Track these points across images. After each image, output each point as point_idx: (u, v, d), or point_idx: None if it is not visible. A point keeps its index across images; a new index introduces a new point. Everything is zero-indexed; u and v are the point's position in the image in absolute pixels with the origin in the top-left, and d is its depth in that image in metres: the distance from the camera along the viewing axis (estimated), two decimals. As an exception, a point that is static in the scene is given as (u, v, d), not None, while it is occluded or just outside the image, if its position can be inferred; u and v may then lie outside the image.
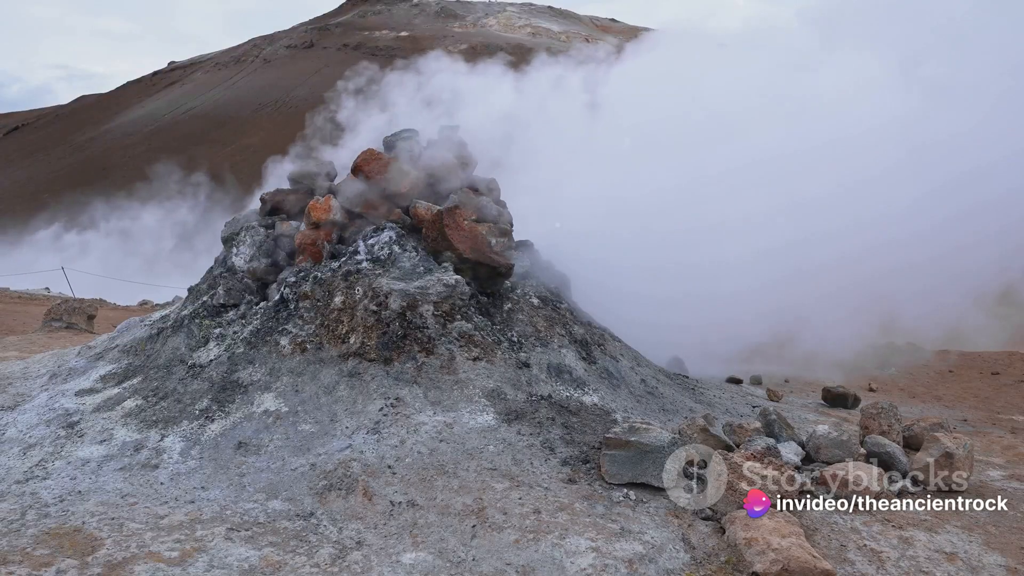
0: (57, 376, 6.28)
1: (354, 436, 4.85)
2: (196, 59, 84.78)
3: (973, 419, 7.77)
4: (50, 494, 4.27)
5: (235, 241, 7.00)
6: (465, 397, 5.27)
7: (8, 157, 64.02)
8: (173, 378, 5.73)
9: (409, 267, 6.22)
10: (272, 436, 4.92)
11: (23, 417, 5.38)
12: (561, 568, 3.62)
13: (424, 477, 4.43)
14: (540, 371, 5.81)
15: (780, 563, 3.53)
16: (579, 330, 6.57)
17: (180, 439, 4.94)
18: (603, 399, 5.77)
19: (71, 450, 4.86)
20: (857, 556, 3.87)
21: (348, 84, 10.46)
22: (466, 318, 5.87)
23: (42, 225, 44.24)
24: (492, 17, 78.74)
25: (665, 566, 3.69)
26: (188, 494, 4.32)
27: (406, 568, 3.63)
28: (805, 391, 9.01)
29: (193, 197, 40.65)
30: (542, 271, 7.15)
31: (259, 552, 3.70)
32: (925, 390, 9.95)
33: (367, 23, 77.95)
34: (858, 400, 8.13)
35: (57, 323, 10.92)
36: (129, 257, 36.71)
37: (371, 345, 5.58)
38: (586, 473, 4.55)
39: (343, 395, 5.26)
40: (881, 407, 5.68)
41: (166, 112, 68.53)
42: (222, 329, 6.20)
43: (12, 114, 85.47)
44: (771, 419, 5.49)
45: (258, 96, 65.99)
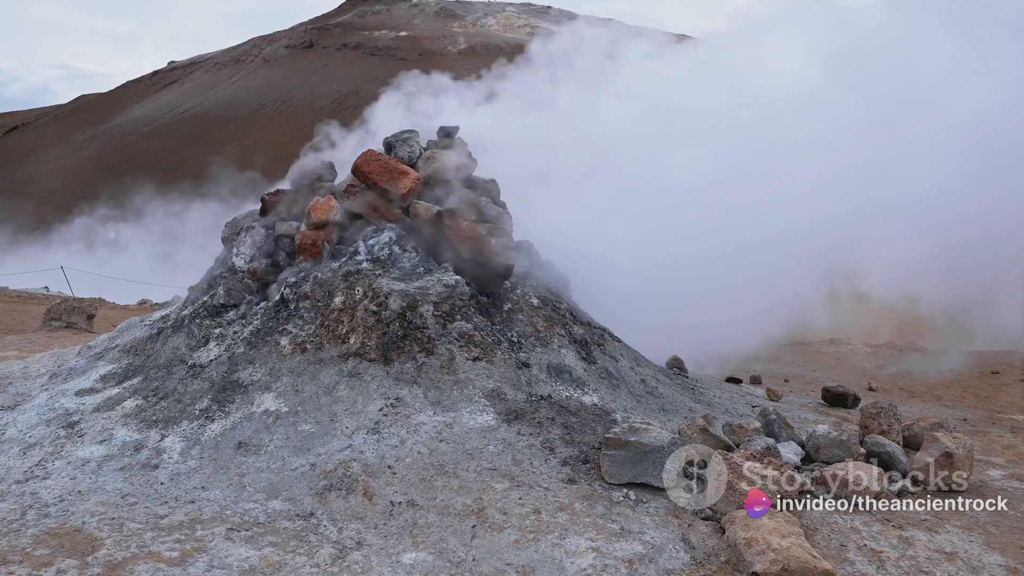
0: (57, 376, 6.28)
1: (354, 436, 4.85)
2: (196, 59, 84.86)
3: (973, 419, 7.77)
4: (50, 494, 4.27)
5: (235, 241, 6.99)
6: (465, 397, 5.28)
7: (8, 157, 63.99)
8: (173, 378, 5.73)
9: (409, 267, 6.22)
10: (272, 436, 4.92)
11: (23, 417, 5.38)
12: (561, 568, 3.62)
13: (424, 477, 4.43)
14: (540, 371, 5.81)
15: (780, 563, 3.53)
16: (579, 330, 6.57)
17: (180, 439, 4.94)
18: (603, 399, 5.77)
19: (71, 450, 4.86)
20: (857, 556, 3.87)
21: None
22: (466, 318, 5.87)
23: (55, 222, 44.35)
24: (491, 17, 78.78)
25: (665, 566, 3.69)
26: (188, 494, 4.32)
27: (406, 568, 3.64)
28: (805, 391, 9.02)
29: (192, 197, 40.65)
30: (542, 271, 7.15)
31: (259, 552, 3.70)
32: (925, 390, 9.96)
33: (367, 23, 77.99)
34: (858, 400, 8.14)
35: (57, 323, 10.91)
36: (128, 257, 36.75)
37: (371, 345, 5.58)
38: (586, 473, 4.55)
39: (343, 395, 5.26)
40: (881, 407, 5.68)
41: (166, 112, 68.57)
42: (222, 329, 6.20)
43: (12, 113, 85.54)
44: (771, 419, 5.49)
45: (258, 96, 66.07)
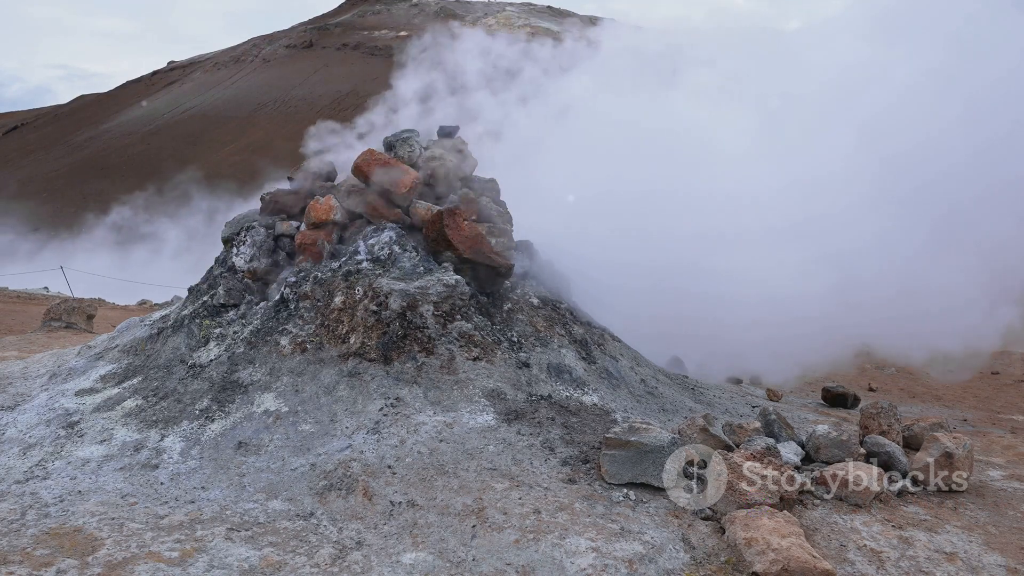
0: (57, 376, 6.28)
1: (354, 436, 4.85)
2: (195, 59, 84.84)
3: (973, 419, 7.77)
4: (50, 494, 4.27)
5: (235, 241, 6.99)
6: (465, 397, 5.27)
7: (7, 157, 64.01)
8: (173, 378, 5.72)
9: (409, 267, 6.22)
10: (272, 436, 4.92)
11: (23, 417, 5.38)
12: (561, 568, 3.62)
13: (424, 477, 4.43)
14: (540, 371, 5.81)
15: (780, 563, 3.53)
16: (579, 330, 6.57)
17: (180, 439, 4.94)
18: (603, 399, 5.77)
19: (71, 450, 4.86)
20: (857, 556, 3.87)
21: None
22: (466, 318, 5.87)
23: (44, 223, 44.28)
24: (491, 17, 78.74)
25: (665, 566, 3.69)
26: (188, 494, 4.32)
27: (406, 568, 3.63)
28: (805, 391, 9.02)
29: (192, 197, 40.66)
30: (542, 271, 7.15)
31: (259, 552, 3.70)
32: (925, 390, 9.96)
33: (366, 23, 77.99)
34: (858, 400, 8.14)
35: (56, 323, 10.90)
36: (127, 257, 36.74)
37: (371, 345, 5.58)
38: (586, 473, 4.55)
39: (343, 395, 5.26)
40: (881, 407, 5.68)
41: (165, 112, 68.56)
42: (222, 329, 6.19)
43: (11, 114, 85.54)
44: (771, 419, 5.49)
45: (258, 96, 66.06)
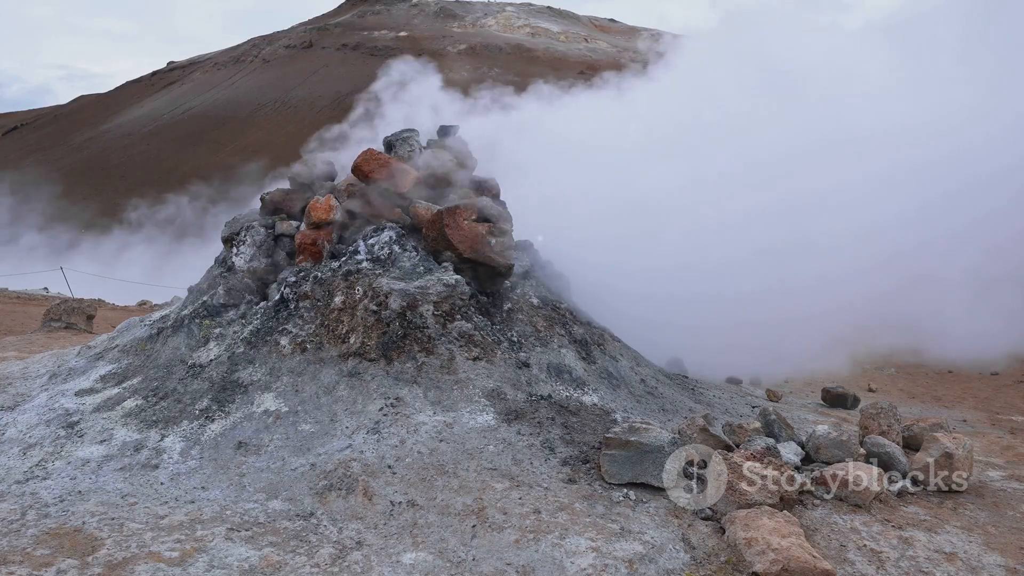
0: (57, 376, 6.28)
1: (354, 436, 4.85)
2: (195, 59, 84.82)
3: (973, 419, 7.78)
4: (50, 494, 4.27)
5: (235, 241, 6.99)
6: (465, 397, 5.27)
7: (7, 157, 63.98)
8: (173, 378, 5.72)
9: (409, 267, 6.22)
10: (272, 436, 4.92)
11: (23, 417, 5.37)
12: (561, 568, 3.62)
13: (424, 477, 4.43)
14: (540, 371, 5.81)
15: (780, 563, 3.53)
16: (579, 330, 6.57)
17: (180, 439, 4.94)
18: (603, 399, 5.77)
19: (71, 450, 4.85)
20: (857, 556, 3.87)
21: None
22: (466, 318, 5.87)
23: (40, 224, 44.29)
24: (491, 17, 78.72)
25: (665, 566, 3.69)
26: (188, 494, 4.32)
27: (406, 568, 3.63)
28: (804, 391, 9.02)
29: (192, 197, 40.65)
30: (542, 271, 7.15)
31: (259, 552, 3.70)
32: (925, 390, 9.96)
33: (366, 23, 77.98)
34: (857, 400, 8.14)
35: (56, 323, 10.89)
36: (129, 257, 36.74)
37: (371, 345, 5.58)
38: (586, 473, 4.55)
39: (343, 395, 5.26)
40: (880, 407, 5.68)
41: (165, 112, 68.55)
42: (222, 329, 6.19)
43: (11, 114, 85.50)
44: (771, 419, 5.49)
45: (257, 96, 66.04)
